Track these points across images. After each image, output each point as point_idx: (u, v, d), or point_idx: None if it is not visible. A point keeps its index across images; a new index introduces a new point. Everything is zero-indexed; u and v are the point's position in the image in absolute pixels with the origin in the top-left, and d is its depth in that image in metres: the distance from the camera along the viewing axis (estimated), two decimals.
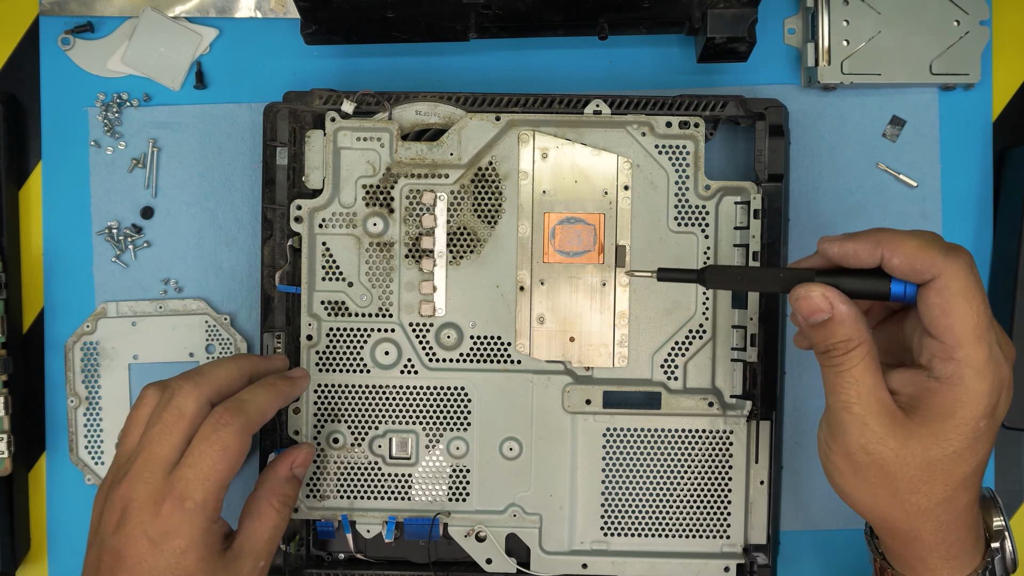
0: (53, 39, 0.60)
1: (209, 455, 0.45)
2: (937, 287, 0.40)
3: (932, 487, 0.41)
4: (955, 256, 0.40)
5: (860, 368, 0.41)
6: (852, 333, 0.41)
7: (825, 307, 0.42)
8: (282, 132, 0.56)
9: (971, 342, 0.40)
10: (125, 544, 0.44)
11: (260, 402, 0.48)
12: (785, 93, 0.60)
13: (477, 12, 0.55)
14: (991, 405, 0.40)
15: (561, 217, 0.56)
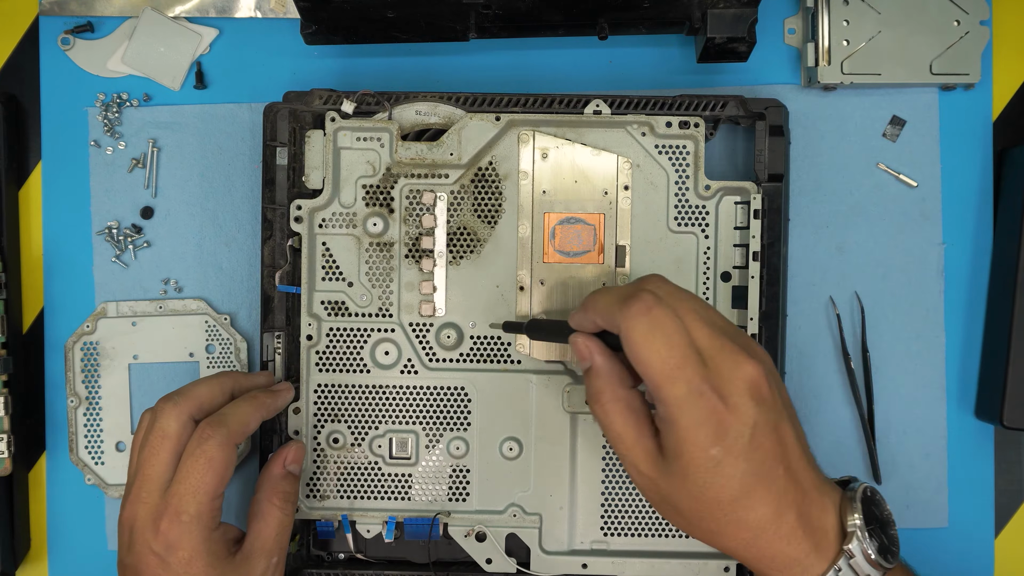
0: (53, 39, 0.60)
1: (196, 469, 0.47)
2: (624, 340, 0.42)
3: (711, 513, 0.42)
4: (628, 306, 0.42)
5: (619, 422, 0.43)
6: (603, 386, 0.44)
7: (586, 355, 0.45)
8: (282, 132, 0.56)
9: (666, 382, 0.41)
10: (137, 562, 0.47)
11: (241, 415, 0.50)
12: (785, 93, 0.60)
13: (477, 12, 0.55)
14: (711, 433, 0.40)
15: (561, 217, 0.56)
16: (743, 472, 0.41)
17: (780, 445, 0.42)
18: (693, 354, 0.41)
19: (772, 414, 0.41)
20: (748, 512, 0.41)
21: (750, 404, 0.41)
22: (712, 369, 0.41)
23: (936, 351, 0.60)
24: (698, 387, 0.40)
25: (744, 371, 0.41)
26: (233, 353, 0.60)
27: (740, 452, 0.40)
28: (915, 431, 0.60)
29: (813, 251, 0.60)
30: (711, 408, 0.40)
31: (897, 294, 0.60)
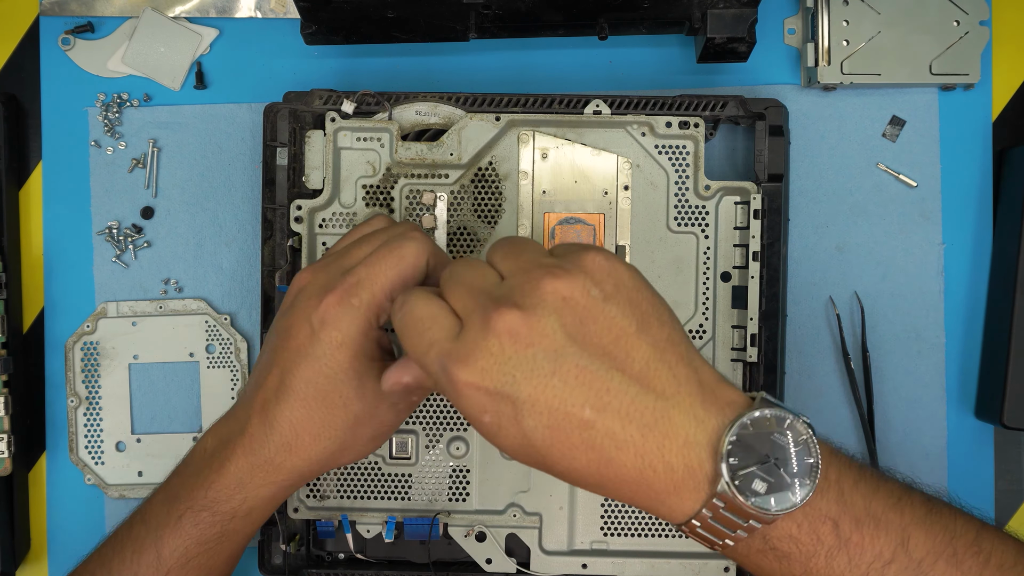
0: (53, 39, 0.60)
1: (385, 260, 0.45)
2: None
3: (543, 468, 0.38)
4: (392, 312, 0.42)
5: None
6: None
7: None
8: (282, 132, 0.56)
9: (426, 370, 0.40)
10: (289, 326, 0.45)
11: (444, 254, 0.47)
12: (785, 93, 0.60)
13: (477, 12, 0.55)
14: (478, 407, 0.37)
15: (561, 217, 0.56)
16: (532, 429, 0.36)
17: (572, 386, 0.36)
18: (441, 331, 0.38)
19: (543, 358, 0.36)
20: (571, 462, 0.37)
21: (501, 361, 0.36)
22: (461, 338, 0.37)
23: (936, 351, 0.60)
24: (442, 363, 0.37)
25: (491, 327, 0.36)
26: (233, 353, 0.60)
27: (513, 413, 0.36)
28: (915, 431, 0.60)
29: (813, 251, 0.60)
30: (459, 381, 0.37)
31: (897, 294, 0.60)
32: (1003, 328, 0.58)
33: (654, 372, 0.37)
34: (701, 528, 0.37)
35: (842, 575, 0.36)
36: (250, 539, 0.49)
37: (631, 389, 0.36)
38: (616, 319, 0.37)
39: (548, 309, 0.37)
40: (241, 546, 0.48)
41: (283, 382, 0.45)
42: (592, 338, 0.37)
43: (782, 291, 0.56)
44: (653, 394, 0.36)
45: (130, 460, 0.60)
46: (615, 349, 0.37)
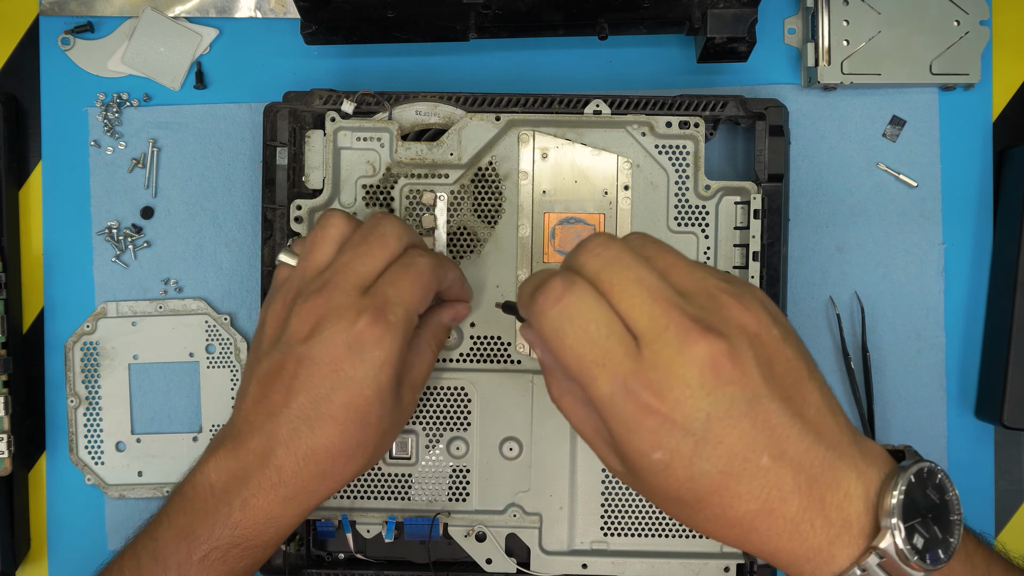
0: (53, 39, 0.60)
1: (407, 278, 0.45)
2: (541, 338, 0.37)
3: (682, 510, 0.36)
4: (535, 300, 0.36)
5: (574, 417, 0.39)
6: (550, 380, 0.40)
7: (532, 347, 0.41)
8: (282, 132, 0.56)
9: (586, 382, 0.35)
10: (320, 351, 0.43)
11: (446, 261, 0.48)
12: (785, 93, 0.60)
13: (477, 12, 0.55)
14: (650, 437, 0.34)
15: (561, 217, 0.56)
16: (703, 472, 0.34)
17: (760, 431, 0.34)
18: (618, 344, 0.34)
19: (740, 398, 0.34)
20: (725, 511, 0.35)
21: (699, 395, 0.33)
22: (647, 358, 0.34)
23: (936, 351, 0.60)
24: (623, 384, 0.34)
25: (692, 354, 0.33)
26: (233, 353, 0.60)
27: (692, 452, 0.34)
28: (915, 431, 0.60)
29: (813, 251, 0.60)
30: (643, 407, 0.34)
31: (897, 294, 0.60)
32: (1003, 328, 0.58)
33: (824, 420, 0.35)
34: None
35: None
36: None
37: (807, 438, 0.34)
38: (793, 361, 0.35)
39: (746, 344, 0.34)
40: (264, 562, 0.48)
41: (318, 409, 0.43)
42: (778, 380, 0.35)
43: (782, 291, 0.56)
44: (824, 444, 0.35)
45: (130, 460, 0.60)
46: (795, 393, 0.35)
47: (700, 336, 0.33)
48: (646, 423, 0.34)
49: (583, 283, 0.35)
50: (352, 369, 0.43)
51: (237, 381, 0.60)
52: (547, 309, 0.35)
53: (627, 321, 0.34)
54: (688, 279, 0.36)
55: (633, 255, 0.35)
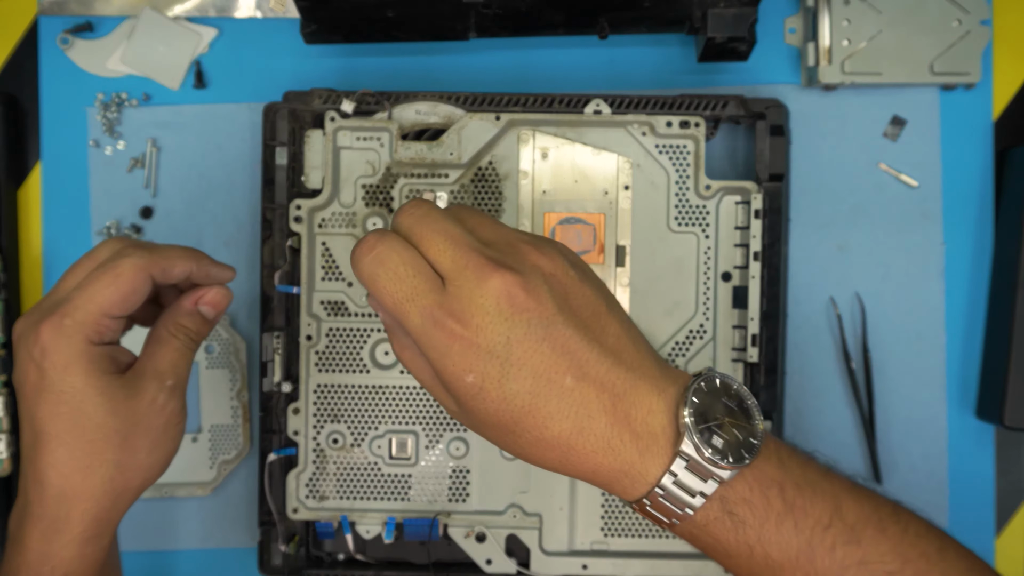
0: (52, 39, 0.60)
1: (99, 280, 0.43)
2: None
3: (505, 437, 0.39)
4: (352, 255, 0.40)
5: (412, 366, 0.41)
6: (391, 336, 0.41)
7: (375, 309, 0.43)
8: (282, 132, 0.56)
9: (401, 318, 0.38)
10: (20, 373, 0.43)
11: (172, 253, 0.46)
12: (785, 93, 0.60)
13: (477, 12, 0.55)
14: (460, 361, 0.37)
15: (561, 217, 0.55)
16: (513, 393, 0.37)
17: (560, 354, 0.37)
18: (425, 282, 0.38)
19: (537, 324, 0.37)
20: (541, 431, 0.37)
21: (497, 321, 0.37)
22: (451, 292, 0.37)
23: (937, 351, 0.60)
24: (432, 315, 0.37)
25: (488, 286, 0.37)
26: (233, 353, 0.60)
27: (499, 373, 0.37)
28: (916, 431, 0.60)
29: (813, 251, 0.60)
30: (449, 333, 0.37)
31: (898, 294, 0.60)
32: (1004, 328, 0.58)
33: (624, 346, 0.39)
34: (663, 497, 0.38)
35: (789, 540, 0.38)
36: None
37: (607, 360, 0.38)
38: (591, 297, 0.39)
39: (541, 279, 0.38)
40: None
41: (34, 430, 0.43)
42: (575, 311, 0.38)
43: (783, 291, 0.56)
44: (624, 366, 0.38)
45: None
46: (593, 323, 0.39)
47: (495, 271, 0.37)
48: (454, 347, 0.37)
49: (393, 234, 0.39)
50: (42, 380, 0.42)
51: (237, 381, 0.60)
52: (362, 257, 0.39)
53: (434, 265, 0.38)
54: (491, 233, 0.40)
55: (442, 212, 0.40)
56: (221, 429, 0.60)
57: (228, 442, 0.60)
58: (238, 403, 0.60)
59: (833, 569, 0.38)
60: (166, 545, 0.60)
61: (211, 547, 0.61)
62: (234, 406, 0.60)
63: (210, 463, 0.60)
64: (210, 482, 0.60)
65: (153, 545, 0.61)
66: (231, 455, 0.60)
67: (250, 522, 0.60)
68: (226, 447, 0.60)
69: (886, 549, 0.38)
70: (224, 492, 0.60)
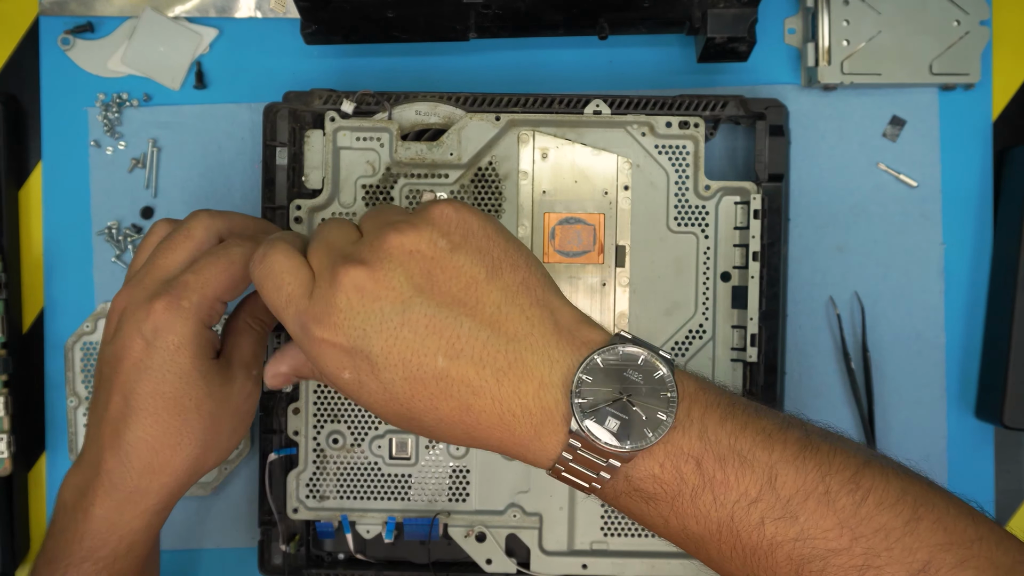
0: (53, 39, 0.60)
1: (213, 265, 0.44)
2: None
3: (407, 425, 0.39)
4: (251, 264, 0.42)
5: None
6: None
7: None
8: (282, 132, 0.56)
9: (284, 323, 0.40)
10: (121, 347, 0.44)
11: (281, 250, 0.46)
12: (785, 93, 0.60)
13: (477, 12, 0.55)
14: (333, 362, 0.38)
15: (561, 217, 0.56)
16: (391, 382, 0.37)
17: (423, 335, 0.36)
18: (299, 288, 0.38)
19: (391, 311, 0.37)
20: (435, 412, 0.37)
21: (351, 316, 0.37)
22: (314, 297, 0.38)
23: (936, 351, 0.60)
24: (300, 321, 0.38)
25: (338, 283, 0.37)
26: None
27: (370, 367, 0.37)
28: (915, 431, 0.60)
29: (813, 251, 0.60)
30: (316, 340, 0.37)
31: (897, 294, 0.60)
32: (1003, 328, 0.58)
33: (505, 316, 0.37)
34: (566, 472, 0.37)
35: (708, 514, 0.36)
36: (146, 570, 0.47)
37: (482, 334, 0.37)
38: (464, 267, 0.38)
39: (394, 263, 0.37)
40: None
41: (128, 404, 0.44)
42: (440, 287, 0.37)
43: (782, 291, 0.56)
44: (505, 337, 0.37)
45: None
46: (465, 296, 0.37)
47: (343, 268, 0.37)
48: (325, 352, 0.37)
49: (283, 243, 0.40)
50: (150, 358, 0.43)
51: None
52: (254, 267, 0.40)
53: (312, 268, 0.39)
54: (368, 225, 0.40)
55: (343, 222, 0.41)
56: None
57: None
58: None
59: (762, 546, 0.35)
60: (167, 545, 0.61)
61: (211, 547, 0.61)
62: None
63: None
64: (210, 482, 0.60)
65: None
66: (231, 455, 0.60)
67: (250, 522, 0.60)
68: None
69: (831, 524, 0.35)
70: (224, 492, 0.61)
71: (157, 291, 0.44)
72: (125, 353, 0.44)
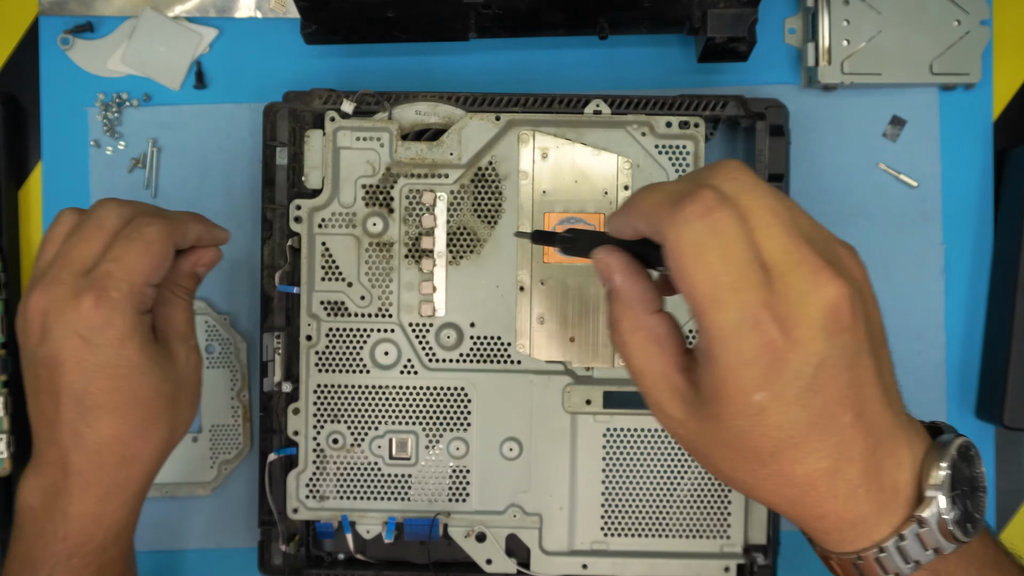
0: (53, 39, 0.60)
1: (131, 251, 0.43)
2: (669, 251, 0.33)
3: (747, 464, 0.34)
4: (679, 207, 0.32)
5: (639, 355, 0.36)
6: (623, 312, 0.36)
7: (605, 274, 0.37)
8: (282, 132, 0.56)
9: (711, 307, 0.32)
10: (57, 349, 0.42)
11: (185, 218, 0.46)
12: (785, 93, 0.60)
13: (477, 12, 0.55)
14: (759, 375, 0.32)
15: (561, 217, 0.56)
16: (793, 422, 0.32)
17: (853, 387, 0.33)
18: (755, 271, 0.32)
19: (849, 349, 0.32)
20: (794, 466, 0.33)
21: (819, 338, 0.32)
22: (779, 291, 0.32)
23: (936, 351, 0.60)
24: (753, 314, 0.31)
25: (822, 294, 0.32)
26: (233, 353, 0.60)
27: (793, 398, 0.32)
28: None
29: None
30: (766, 342, 0.31)
31: (897, 294, 0.60)
32: (1003, 328, 0.58)
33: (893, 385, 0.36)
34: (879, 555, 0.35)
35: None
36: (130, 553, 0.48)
37: (882, 400, 0.34)
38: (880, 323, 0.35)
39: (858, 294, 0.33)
40: (125, 564, 0.47)
41: (83, 404, 0.43)
42: (872, 338, 0.34)
43: None
44: (892, 410, 0.35)
45: None
46: (880, 355, 0.35)
47: (831, 278, 0.32)
48: (762, 359, 0.32)
49: (732, 204, 0.32)
50: (94, 356, 0.42)
51: (237, 381, 0.60)
52: (694, 219, 0.32)
53: (759, 250, 0.32)
54: (808, 221, 0.34)
55: (767, 185, 0.34)
56: (221, 429, 0.60)
57: (228, 442, 0.60)
58: (238, 403, 0.60)
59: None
60: (167, 545, 0.61)
61: (211, 547, 0.61)
62: (234, 406, 0.60)
63: (210, 463, 0.60)
64: (210, 482, 0.60)
65: (154, 545, 0.61)
66: (231, 455, 0.60)
67: (250, 522, 0.60)
68: (226, 447, 0.60)
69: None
70: (224, 492, 0.61)
71: (80, 286, 0.42)
72: (63, 355, 0.42)
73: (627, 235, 0.36)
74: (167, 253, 0.44)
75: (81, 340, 0.42)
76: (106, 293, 0.42)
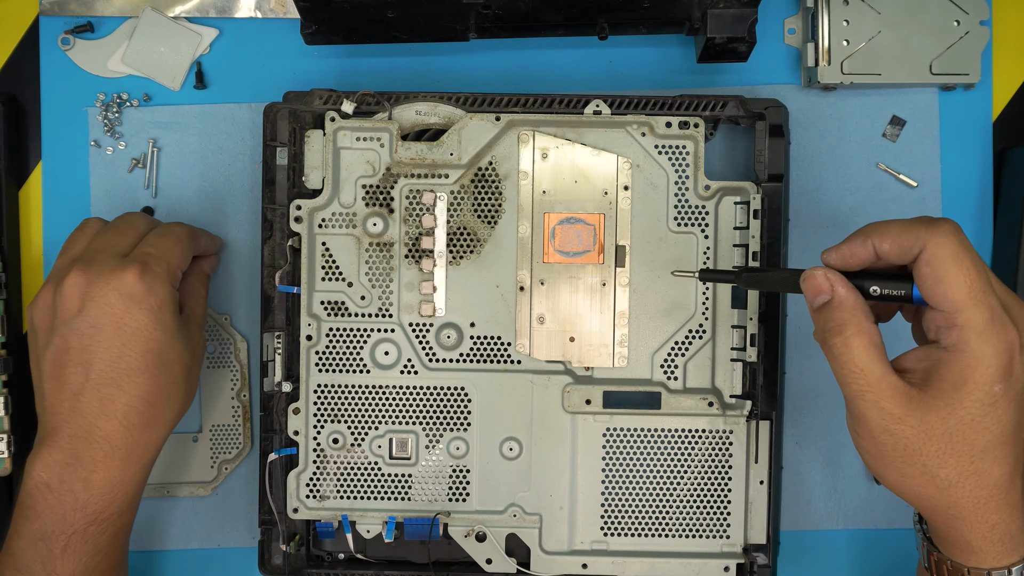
0: (53, 39, 0.60)
1: (165, 240, 0.50)
2: (925, 258, 0.41)
3: (958, 459, 0.40)
4: (938, 225, 0.41)
5: (864, 356, 0.41)
6: (848, 317, 0.42)
7: (826, 288, 0.43)
8: (282, 132, 0.56)
9: (969, 305, 0.39)
10: (97, 315, 0.47)
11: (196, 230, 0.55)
12: (785, 93, 0.60)
13: (477, 12, 0.55)
14: (1002, 367, 0.40)
15: (561, 217, 0.56)
16: (1009, 418, 0.40)
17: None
18: (992, 285, 0.40)
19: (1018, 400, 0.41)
20: (996, 465, 0.40)
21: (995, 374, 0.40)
22: (1007, 306, 0.40)
23: None
24: (1000, 316, 0.40)
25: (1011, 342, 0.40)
26: (233, 353, 0.60)
27: (1016, 396, 0.40)
28: None
29: (813, 251, 0.60)
30: (1009, 341, 0.40)
31: None
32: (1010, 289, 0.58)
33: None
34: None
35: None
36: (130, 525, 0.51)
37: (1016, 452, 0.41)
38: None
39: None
40: (129, 531, 0.50)
41: (119, 368, 0.47)
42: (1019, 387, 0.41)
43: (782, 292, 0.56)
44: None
45: None
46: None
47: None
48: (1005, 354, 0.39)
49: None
50: (134, 320, 0.47)
51: (237, 381, 0.60)
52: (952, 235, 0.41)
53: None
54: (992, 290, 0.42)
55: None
56: (221, 429, 0.60)
57: (229, 442, 0.60)
58: (238, 403, 0.60)
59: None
60: (167, 544, 0.61)
61: (212, 547, 0.61)
62: (234, 406, 0.60)
63: (211, 463, 0.60)
64: (211, 482, 0.60)
65: (154, 544, 0.61)
66: (231, 455, 0.60)
67: (251, 522, 0.60)
68: (227, 447, 0.60)
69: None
70: (225, 492, 0.61)
71: (123, 262, 0.47)
72: (103, 320, 0.46)
73: (858, 259, 0.43)
74: (191, 249, 0.52)
75: (124, 305, 0.47)
76: (148, 267, 0.48)
